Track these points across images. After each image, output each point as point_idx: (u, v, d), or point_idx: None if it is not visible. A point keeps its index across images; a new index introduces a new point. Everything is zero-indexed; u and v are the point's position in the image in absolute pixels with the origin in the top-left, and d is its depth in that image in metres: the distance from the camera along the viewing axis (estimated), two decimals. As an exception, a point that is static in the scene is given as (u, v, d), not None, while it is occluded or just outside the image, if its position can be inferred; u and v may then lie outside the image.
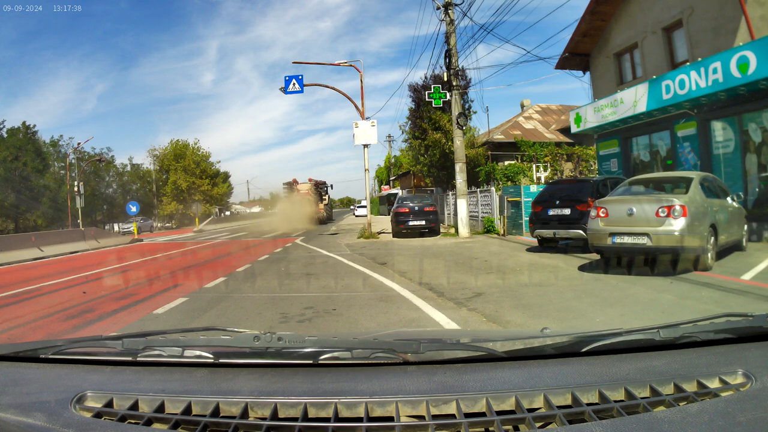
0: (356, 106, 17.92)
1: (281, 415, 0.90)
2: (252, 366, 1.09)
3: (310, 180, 34.54)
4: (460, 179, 15.29)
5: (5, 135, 40.86)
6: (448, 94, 15.49)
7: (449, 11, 15.06)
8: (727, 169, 10.66)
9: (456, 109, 15.34)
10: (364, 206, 26.98)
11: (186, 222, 48.23)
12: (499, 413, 0.87)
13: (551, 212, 9.83)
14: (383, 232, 18.06)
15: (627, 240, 6.76)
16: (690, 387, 0.93)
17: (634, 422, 0.81)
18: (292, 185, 33.83)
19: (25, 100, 75.66)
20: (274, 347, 1.07)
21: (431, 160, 23.95)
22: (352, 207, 53.85)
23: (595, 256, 7.89)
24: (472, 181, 19.65)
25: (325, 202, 33.93)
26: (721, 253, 7.49)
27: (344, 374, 1.04)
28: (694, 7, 11.79)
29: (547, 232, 9.95)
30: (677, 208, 6.44)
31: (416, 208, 16.09)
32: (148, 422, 0.89)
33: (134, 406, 0.93)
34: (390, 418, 0.88)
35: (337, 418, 0.88)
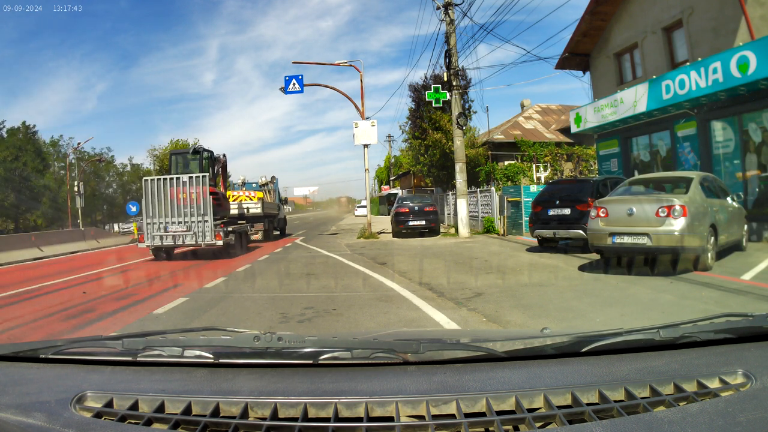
0: (356, 106, 17.93)
1: (281, 415, 0.90)
2: (252, 366, 1.09)
3: (345, 196, 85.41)
4: (460, 179, 15.29)
5: (5, 135, 40.89)
6: (448, 94, 15.49)
7: (449, 11, 15.07)
8: (727, 169, 10.66)
9: (456, 109, 15.34)
10: (364, 206, 27.05)
11: (186, 222, 48.11)
12: (499, 413, 0.87)
13: (551, 212, 9.83)
14: (383, 232, 18.06)
15: (627, 240, 6.76)
16: (690, 387, 0.93)
17: (634, 422, 0.81)
18: (339, 198, 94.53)
19: (25, 100, 75.86)
20: (274, 347, 1.07)
21: (431, 160, 23.96)
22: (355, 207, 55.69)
23: (595, 256, 7.89)
24: (472, 181, 19.65)
25: (349, 205, 77.17)
26: (721, 253, 7.49)
27: (344, 374, 1.04)
28: (694, 7, 11.79)
29: (547, 232, 9.95)
30: (677, 208, 6.44)
31: (416, 208, 16.08)
32: (148, 422, 0.89)
33: (134, 406, 0.93)
34: (390, 418, 0.88)
35: (337, 418, 0.88)
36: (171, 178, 12.01)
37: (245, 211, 15.98)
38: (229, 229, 12.36)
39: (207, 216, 11.71)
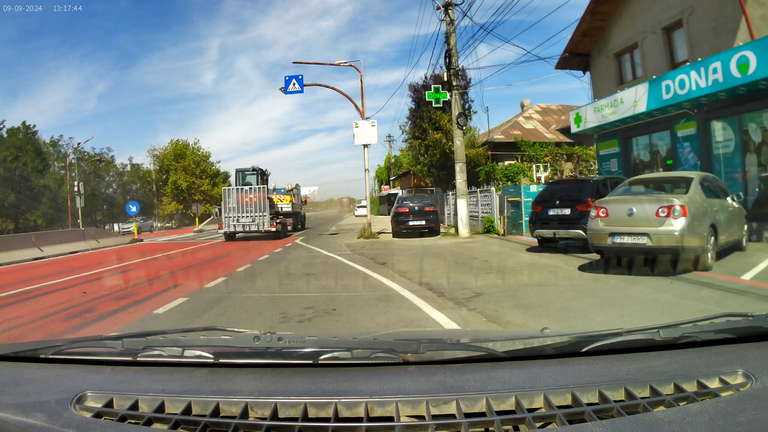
0: (356, 106, 17.92)
1: (281, 415, 0.90)
2: (252, 366, 1.09)
3: (347, 197, 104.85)
4: (460, 179, 15.29)
5: (5, 135, 40.90)
6: (448, 94, 15.48)
7: (449, 11, 15.07)
8: (727, 169, 10.66)
9: (456, 109, 15.34)
10: (364, 206, 27.21)
11: (186, 222, 48.25)
12: (499, 413, 0.87)
13: (551, 212, 9.83)
14: (383, 232, 18.06)
15: (627, 240, 6.76)
16: (690, 387, 0.93)
17: (634, 422, 0.81)
18: (342, 199, 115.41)
19: (25, 99, 75.84)
20: (274, 347, 1.07)
21: (431, 160, 23.96)
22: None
23: (595, 256, 7.89)
24: (472, 181, 19.65)
25: (351, 205, 74.23)
26: (721, 253, 7.49)
27: (344, 374, 1.04)
28: (694, 7, 11.79)
29: (547, 232, 9.95)
30: (677, 208, 6.44)
31: (416, 208, 16.08)
32: (148, 422, 0.89)
33: (134, 406, 0.93)
34: (390, 418, 0.88)
35: (337, 418, 0.88)
36: (242, 188, 18.74)
37: (280, 209, 21.13)
38: (278, 220, 18.90)
39: (265, 212, 18.17)
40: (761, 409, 0.84)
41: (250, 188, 18.61)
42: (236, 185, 20.30)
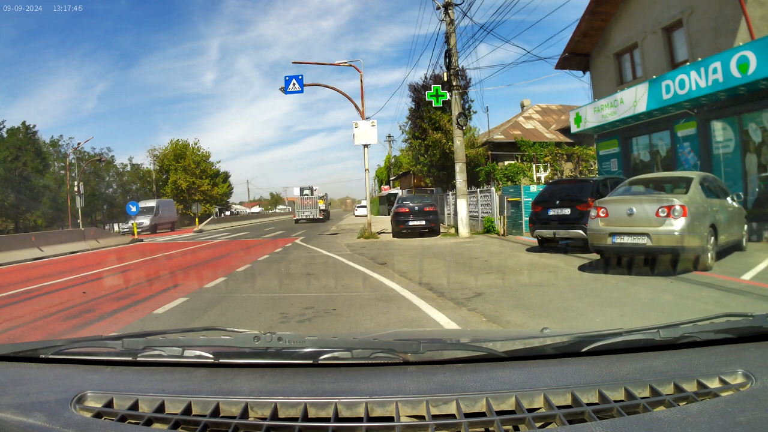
0: (356, 106, 17.92)
1: (281, 415, 0.90)
2: (252, 366, 1.09)
3: (349, 198, 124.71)
4: (460, 179, 15.29)
5: (5, 135, 40.85)
6: (448, 94, 15.48)
7: (449, 11, 15.07)
8: (727, 169, 10.66)
9: (456, 109, 15.34)
10: (364, 206, 27.33)
11: (186, 222, 48.21)
12: (499, 413, 0.87)
13: (551, 212, 9.83)
14: (383, 232, 18.06)
15: (627, 240, 6.76)
16: (690, 387, 0.93)
17: (634, 422, 0.81)
18: (345, 199, 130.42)
19: (25, 99, 75.93)
20: (274, 347, 1.07)
21: (431, 160, 23.95)
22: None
23: (595, 256, 7.89)
24: (472, 181, 19.65)
25: (354, 206, 69.94)
26: (721, 253, 7.49)
27: (344, 374, 1.04)
28: (694, 7, 11.79)
29: (547, 232, 9.95)
30: (677, 208, 6.44)
31: (416, 208, 16.08)
32: (148, 422, 0.89)
33: (134, 406, 0.93)
34: (390, 418, 0.88)
35: (337, 418, 0.88)
36: (305, 195, 37.68)
37: (319, 208, 36.59)
38: (322, 213, 37.41)
39: (316, 209, 36.85)
40: (761, 409, 0.84)
41: (307, 196, 37.11)
42: (300, 195, 37.48)
